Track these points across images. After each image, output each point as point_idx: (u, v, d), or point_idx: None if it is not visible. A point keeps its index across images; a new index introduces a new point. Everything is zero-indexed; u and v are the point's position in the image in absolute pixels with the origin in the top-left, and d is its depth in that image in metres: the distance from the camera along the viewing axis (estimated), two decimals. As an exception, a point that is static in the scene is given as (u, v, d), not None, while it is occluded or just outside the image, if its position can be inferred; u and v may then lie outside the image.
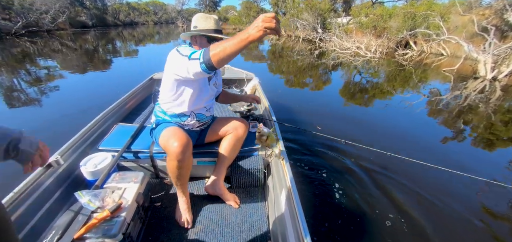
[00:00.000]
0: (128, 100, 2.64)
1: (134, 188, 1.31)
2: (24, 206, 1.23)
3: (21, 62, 9.31)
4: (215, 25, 1.40)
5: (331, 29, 13.82)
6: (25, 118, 3.94)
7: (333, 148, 2.87)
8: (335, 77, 7.02)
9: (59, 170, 1.50)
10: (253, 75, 3.57)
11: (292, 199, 1.21)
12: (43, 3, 24.13)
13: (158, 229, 1.42)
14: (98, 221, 1.09)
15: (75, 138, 1.70)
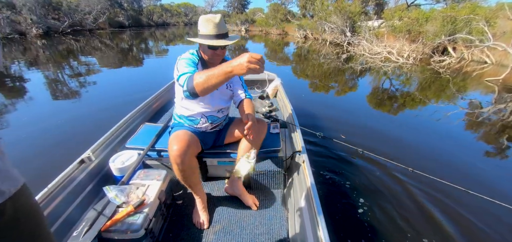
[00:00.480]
0: (154, 101, 2.75)
1: (157, 186, 1.37)
2: (58, 199, 1.31)
3: (65, 58, 10.25)
4: (216, 29, 1.28)
5: (360, 33, 13.31)
6: (64, 110, 4.32)
7: (358, 157, 2.74)
8: (363, 83, 6.73)
9: (91, 166, 1.59)
10: (275, 76, 3.52)
11: (313, 206, 1.18)
12: (87, 5, 26.36)
13: (178, 226, 1.45)
14: (122, 216, 1.15)
15: (106, 136, 1.80)
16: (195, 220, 1.46)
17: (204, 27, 1.28)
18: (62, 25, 22.38)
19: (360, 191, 2.26)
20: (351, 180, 2.41)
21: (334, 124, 3.72)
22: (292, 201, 1.57)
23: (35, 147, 2.98)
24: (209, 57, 1.37)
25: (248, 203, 1.57)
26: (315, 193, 1.24)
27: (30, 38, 17.82)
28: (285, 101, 2.71)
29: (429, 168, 2.56)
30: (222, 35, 1.30)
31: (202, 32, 1.29)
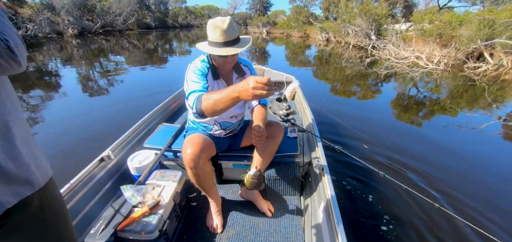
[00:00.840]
0: (172, 102, 2.79)
1: (172, 187, 1.37)
2: (79, 195, 1.34)
3: (96, 56, 10.92)
4: (223, 36, 1.19)
5: (386, 36, 12.75)
6: (93, 106, 4.57)
7: (382, 167, 2.60)
8: (387, 88, 6.44)
9: (110, 164, 1.62)
10: (293, 78, 3.45)
11: (333, 217, 1.12)
12: (118, 7, 27.92)
13: (192, 229, 1.45)
14: (138, 216, 1.16)
15: (125, 135, 1.83)
16: (209, 223, 1.45)
17: (212, 34, 1.21)
18: (95, 26, 23.88)
19: (384, 207, 2.10)
20: (375, 193, 2.25)
21: (356, 131, 3.51)
22: (309, 210, 1.50)
23: (62, 143, 3.16)
24: (219, 65, 1.32)
25: (263, 209, 1.53)
26: (335, 203, 1.18)
27: (66, 37, 19.24)
28: (303, 105, 2.64)
29: (459, 186, 2.38)
30: (231, 42, 1.21)
31: (211, 39, 1.23)
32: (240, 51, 1.23)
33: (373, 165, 2.57)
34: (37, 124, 3.70)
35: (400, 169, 2.67)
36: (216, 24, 1.20)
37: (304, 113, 2.53)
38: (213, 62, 1.36)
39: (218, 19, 1.22)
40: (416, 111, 4.70)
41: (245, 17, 47.32)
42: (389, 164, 2.75)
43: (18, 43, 0.55)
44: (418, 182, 2.44)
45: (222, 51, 1.20)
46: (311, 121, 2.14)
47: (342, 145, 3.02)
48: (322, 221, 1.25)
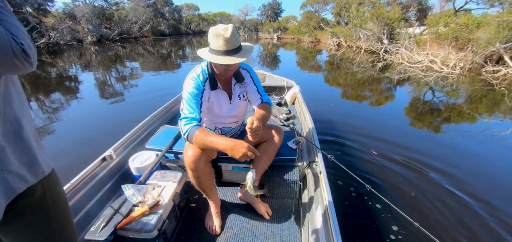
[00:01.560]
0: (175, 103, 2.82)
1: (172, 187, 1.39)
2: (80, 193, 1.37)
3: (113, 62, 11.37)
4: (226, 45, 1.19)
5: (399, 40, 12.52)
6: (109, 110, 4.77)
7: (391, 175, 2.53)
8: (400, 93, 6.27)
9: (112, 164, 1.65)
10: (294, 83, 3.48)
11: (330, 222, 1.13)
12: (134, 15, 29.01)
13: (191, 230, 1.45)
14: (137, 215, 1.18)
15: (127, 136, 1.86)
16: (207, 224, 1.45)
17: (214, 42, 1.20)
18: (113, 33, 24.91)
19: (385, 213, 2.06)
20: (376, 199, 2.19)
21: (365, 137, 3.44)
22: (306, 214, 1.51)
23: (74, 141, 3.31)
24: (221, 72, 1.32)
25: (261, 212, 1.52)
26: (332, 208, 1.18)
27: (86, 44, 20.16)
28: (303, 109, 2.63)
29: (477, 191, 2.30)
30: (233, 51, 1.21)
31: (213, 47, 1.21)
32: (242, 60, 1.23)
33: (368, 174, 2.60)
34: (55, 122, 3.91)
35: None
36: (218, 32, 1.19)
37: (304, 118, 2.52)
38: (214, 70, 1.35)
39: (220, 26, 1.21)
40: (431, 117, 4.54)
41: (256, 23, 47.81)
42: (404, 164, 2.71)
43: (30, 45, 0.63)
44: (426, 189, 2.39)
45: (224, 60, 1.19)
46: (310, 126, 2.14)
47: (344, 150, 3.02)
48: (319, 225, 1.25)
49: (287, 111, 2.88)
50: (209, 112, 1.43)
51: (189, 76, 1.33)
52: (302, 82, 3.52)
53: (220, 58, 1.20)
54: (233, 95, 1.46)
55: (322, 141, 3.29)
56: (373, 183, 2.43)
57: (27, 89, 6.09)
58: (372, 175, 2.56)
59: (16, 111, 0.64)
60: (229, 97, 1.45)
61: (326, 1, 31.59)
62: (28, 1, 18.12)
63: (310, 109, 2.51)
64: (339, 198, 2.17)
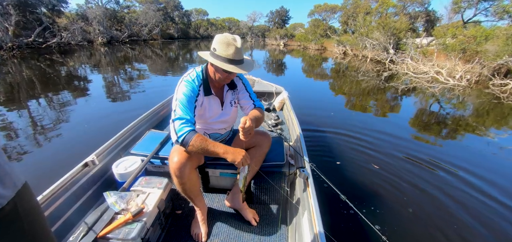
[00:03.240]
0: (161, 108, 2.75)
1: (158, 194, 1.34)
2: (60, 200, 1.31)
3: (122, 63, 11.61)
4: (235, 54, 1.23)
5: (406, 50, 12.47)
6: (115, 111, 4.88)
7: (380, 182, 2.52)
8: (406, 104, 6.21)
9: (94, 170, 1.59)
10: (283, 89, 3.51)
11: (315, 227, 1.14)
12: (144, 18, 29.67)
13: (176, 237, 1.40)
14: (120, 223, 1.13)
15: (111, 141, 1.79)
16: (193, 232, 1.42)
17: (223, 49, 1.22)
18: (123, 35, 25.49)
19: (373, 220, 2.07)
20: (365, 206, 2.21)
21: (367, 148, 3.36)
22: (293, 220, 1.49)
23: (83, 141, 3.42)
24: (220, 78, 1.32)
25: (248, 218, 1.51)
26: (318, 215, 1.18)
27: (96, 45, 20.67)
28: (291, 115, 2.63)
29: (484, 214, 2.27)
30: (239, 61, 1.26)
31: (220, 53, 1.23)
32: (246, 72, 1.27)
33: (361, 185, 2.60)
34: (64, 122, 4.02)
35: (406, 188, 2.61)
36: (229, 41, 1.22)
37: (292, 124, 2.50)
38: (209, 75, 1.37)
39: (229, 36, 1.24)
40: (437, 128, 4.47)
41: (263, 29, 48.23)
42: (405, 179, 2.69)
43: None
44: (428, 210, 2.37)
45: (232, 68, 1.22)
46: (298, 132, 2.12)
47: (339, 159, 2.99)
48: (305, 232, 1.24)
49: (275, 117, 2.90)
50: (200, 117, 1.42)
51: (184, 79, 1.32)
52: (304, 89, 3.51)
53: (228, 66, 1.22)
54: (225, 101, 1.47)
55: (316, 148, 3.31)
56: (363, 195, 2.41)
57: (37, 87, 6.29)
58: (366, 186, 2.54)
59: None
60: (220, 103, 1.45)
61: (333, 10, 31.80)
62: (43, 2, 18.74)
63: (308, 117, 2.52)
64: (326, 205, 2.15)
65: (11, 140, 3.29)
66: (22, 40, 15.99)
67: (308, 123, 4.16)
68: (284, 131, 2.64)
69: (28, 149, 3.07)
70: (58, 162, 2.75)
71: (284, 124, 2.82)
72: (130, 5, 31.27)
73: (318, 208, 1.23)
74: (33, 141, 3.32)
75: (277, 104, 3.27)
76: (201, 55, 1.32)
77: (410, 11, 19.67)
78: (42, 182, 1.30)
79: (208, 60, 1.28)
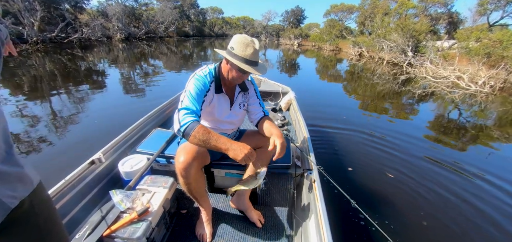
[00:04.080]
0: (168, 106, 2.76)
1: (163, 193, 1.33)
2: (66, 198, 1.31)
3: (138, 59, 11.93)
4: (253, 55, 1.25)
5: (425, 53, 11.99)
6: (132, 104, 5.01)
7: (409, 198, 2.37)
8: (423, 109, 5.95)
9: (100, 167, 1.59)
10: (289, 89, 3.45)
11: (323, 231, 1.10)
12: (161, 16, 30.34)
13: (181, 238, 1.40)
14: (125, 222, 1.12)
15: (117, 139, 1.79)
16: (198, 232, 1.42)
17: (241, 49, 1.23)
18: (140, 32, 26.18)
19: (381, 225, 2.00)
20: (378, 216, 2.12)
21: (381, 155, 3.22)
22: (299, 222, 1.46)
23: (97, 132, 3.53)
24: (234, 77, 1.31)
25: (253, 219, 1.49)
26: (326, 219, 1.15)
27: (114, 41, 21.35)
28: (298, 116, 2.58)
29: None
30: (255, 63, 1.28)
31: (237, 52, 1.24)
32: (261, 74, 1.28)
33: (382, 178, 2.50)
34: (80, 113, 4.18)
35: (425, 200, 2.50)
36: (248, 42, 1.24)
37: (298, 124, 2.46)
38: (222, 74, 1.36)
39: (248, 37, 1.27)
40: (456, 136, 4.25)
41: (278, 29, 48.01)
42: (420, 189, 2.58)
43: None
44: (445, 223, 2.26)
45: (247, 67, 1.23)
46: (305, 133, 2.09)
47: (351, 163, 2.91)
48: (312, 235, 1.22)
49: (282, 117, 2.87)
50: (208, 115, 1.41)
51: (196, 74, 1.32)
52: (317, 90, 3.44)
53: (245, 66, 1.24)
54: (235, 102, 1.46)
55: (326, 151, 3.25)
56: (376, 204, 2.32)
57: (58, 79, 6.57)
58: (379, 195, 2.45)
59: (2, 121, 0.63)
60: (230, 103, 1.44)
61: (350, 10, 31.13)
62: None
63: (318, 119, 2.47)
64: (335, 209, 2.10)
65: (30, 129, 3.46)
66: (46, 35, 16.78)
67: (318, 124, 4.10)
68: (290, 132, 2.61)
69: (46, 139, 3.21)
70: (71, 157, 2.85)
71: (291, 124, 2.79)
72: (148, 3, 32.06)
73: (326, 211, 1.19)
74: (50, 132, 3.47)
75: (283, 105, 3.24)
76: (217, 51, 1.32)
77: (432, 13, 18.89)
78: (52, 176, 1.33)
79: (225, 57, 1.29)
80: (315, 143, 3.43)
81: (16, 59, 9.59)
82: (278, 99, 3.41)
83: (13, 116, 3.91)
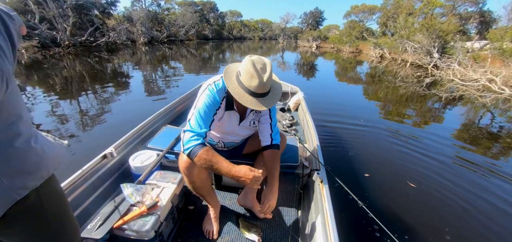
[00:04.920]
0: (178, 104, 2.83)
1: (171, 188, 1.36)
2: (79, 190, 1.36)
3: (160, 62, 12.39)
4: (258, 88, 1.10)
5: (453, 54, 11.32)
6: (152, 103, 5.21)
7: (432, 212, 2.20)
8: (450, 114, 5.61)
9: (112, 162, 1.63)
10: (298, 89, 3.43)
11: (330, 232, 1.09)
12: (182, 20, 31.35)
13: (188, 233, 1.43)
14: (135, 215, 1.16)
15: (129, 134, 1.84)
16: (205, 228, 1.43)
17: (246, 78, 1.10)
18: (162, 35, 27.22)
19: (389, 228, 1.92)
20: (381, 212, 2.07)
21: (402, 163, 3.05)
22: (306, 222, 1.46)
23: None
24: (239, 106, 1.25)
25: (259, 218, 1.51)
26: (333, 220, 1.13)
27: (138, 44, 22.39)
28: (306, 116, 2.56)
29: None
30: (259, 95, 1.12)
31: (243, 80, 1.12)
32: (267, 108, 1.14)
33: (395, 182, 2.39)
34: (106, 113, 4.42)
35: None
36: (253, 73, 1.09)
37: (307, 125, 2.44)
38: None
39: (258, 63, 1.11)
40: (487, 143, 3.94)
41: (296, 31, 47.67)
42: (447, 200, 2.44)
43: None
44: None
45: (251, 102, 1.11)
46: (313, 133, 2.08)
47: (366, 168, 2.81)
48: (317, 235, 1.21)
49: (290, 117, 2.88)
50: (216, 127, 1.38)
51: (208, 87, 1.23)
52: (333, 93, 3.37)
53: (247, 98, 1.11)
54: (246, 119, 1.38)
55: (339, 153, 3.17)
56: (392, 213, 2.22)
57: (87, 80, 7.00)
58: (397, 204, 2.33)
59: (27, 117, 0.64)
60: (240, 118, 1.37)
61: (372, 11, 30.23)
62: (96, 5, 20.85)
63: (332, 122, 2.43)
64: (342, 209, 2.04)
65: (60, 125, 3.71)
66: (76, 39, 17.96)
67: (333, 126, 4.03)
68: (298, 132, 2.61)
69: (73, 133, 3.43)
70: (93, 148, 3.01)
71: (299, 124, 2.80)
72: (170, 7, 33.28)
73: (333, 212, 1.18)
74: (78, 126, 3.70)
75: (292, 105, 3.24)
76: (226, 74, 1.19)
77: (461, 12, 17.82)
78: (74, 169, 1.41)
79: (226, 84, 1.15)
80: (328, 144, 3.39)
81: (50, 61, 10.35)
82: (286, 99, 3.41)
83: (46, 113, 4.22)
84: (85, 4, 19.15)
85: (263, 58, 1.16)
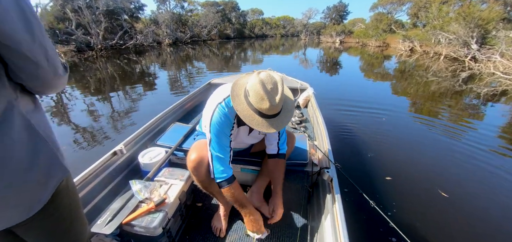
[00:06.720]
0: (187, 102, 2.85)
1: (180, 185, 1.37)
2: (90, 186, 1.39)
3: (184, 62, 12.81)
4: (269, 111, 1.02)
5: (495, 45, 10.28)
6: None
7: (469, 229, 1.95)
8: (492, 112, 5.05)
9: (122, 158, 1.67)
10: (308, 85, 3.37)
11: (339, 232, 1.06)
12: (204, 20, 32.11)
13: (196, 230, 1.44)
14: (143, 211, 1.18)
15: (138, 132, 1.88)
16: (213, 225, 1.44)
17: (256, 100, 1.02)
18: (185, 36, 28.10)
19: (402, 229, 1.80)
20: (403, 221, 1.95)
21: (432, 168, 2.78)
22: (315, 222, 1.43)
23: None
24: None
25: (267, 216, 1.47)
26: (343, 219, 1.10)
27: (163, 46, 23.33)
28: (316, 113, 2.52)
29: None
30: (268, 116, 1.05)
31: (252, 101, 1.04)
32: (276, 130, 1.07)
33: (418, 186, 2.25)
34: (133, 112, 4.65)
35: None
36: (263, 96, 1.00)
37: (316, 122, 2.40)
38: None
39: (268, 83, 1.01)
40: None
41: (319, 26, 46.57)
42: None
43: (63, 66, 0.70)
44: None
45: (257, 123, 1.05)
46: (323, 130, 2.05)
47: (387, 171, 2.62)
48: (327, 234, 1.19)
49: (299, 114, 2.84)
50: None
51: (219, 104, 1.16)
52: (356, 89, 3.23)
53: (258, 121, 1.05)
54: (254, 130, 1.35)
55: (356, 153, 3.02)
56: (417, 223, 2.06)
57: (117, 81, 7.44)
58: (424, 214, 2.15)
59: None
60: (249, 129, 1.36)
61: (401, 1, 28.45)
62: (125, 11, 22.11)
63: (351, 120, 2.34)
64: (354, 209, 1.96)
65: (94, 123, 3.98)
66: (107, 42, 19.20)
67: (349, 125, 3.88)
68: (308, 129, 2.56)
69: (102, 129, 3.66)
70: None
71: (309, 121, 2.75)
72: (193, 9, 34.19)
73: (343, 212, 1.14)
74: (112, 124, 3.94)
75: (301, 102, 3.20)
76: (233, 93, 1.09)
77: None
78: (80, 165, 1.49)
79: (234, 106, 1.07)
80: (344, 143, 3.28)
81: (85, 64, 11.17)
82: (296, 95, 3.36)
83: (83, 112, 4.56)
84: (115, 9, 20.40)
85: (274, 76, 1.05)
